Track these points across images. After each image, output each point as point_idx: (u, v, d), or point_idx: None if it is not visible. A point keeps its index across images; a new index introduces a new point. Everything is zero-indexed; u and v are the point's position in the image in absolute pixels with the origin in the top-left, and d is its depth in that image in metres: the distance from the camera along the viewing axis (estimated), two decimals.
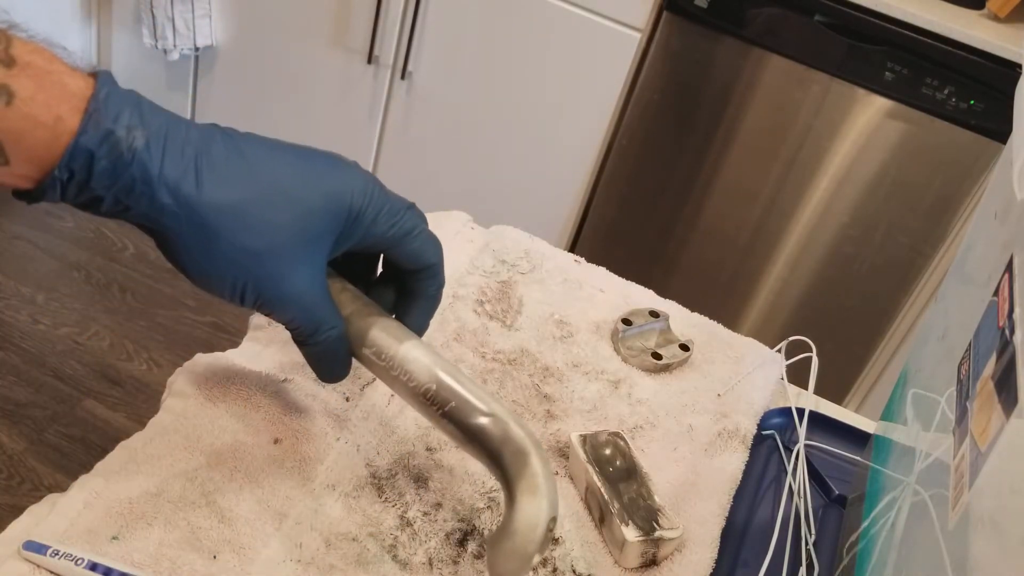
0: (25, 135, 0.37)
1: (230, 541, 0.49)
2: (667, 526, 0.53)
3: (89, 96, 0.38)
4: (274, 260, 0.43)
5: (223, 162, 0.41)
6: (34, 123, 0.37)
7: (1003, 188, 0.44)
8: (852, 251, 1.68)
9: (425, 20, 1.81)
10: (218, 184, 0.41)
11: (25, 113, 0.36)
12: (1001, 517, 0.31)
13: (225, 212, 0.41)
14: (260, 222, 0.42)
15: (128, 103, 0.39)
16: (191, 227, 0.41)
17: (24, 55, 0.37)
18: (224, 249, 0.41)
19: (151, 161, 0.39)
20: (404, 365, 0.47)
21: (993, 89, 1.45)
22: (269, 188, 0.42)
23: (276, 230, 0.42)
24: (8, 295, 1.77)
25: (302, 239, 0.43)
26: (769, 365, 0.71)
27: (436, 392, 0.47)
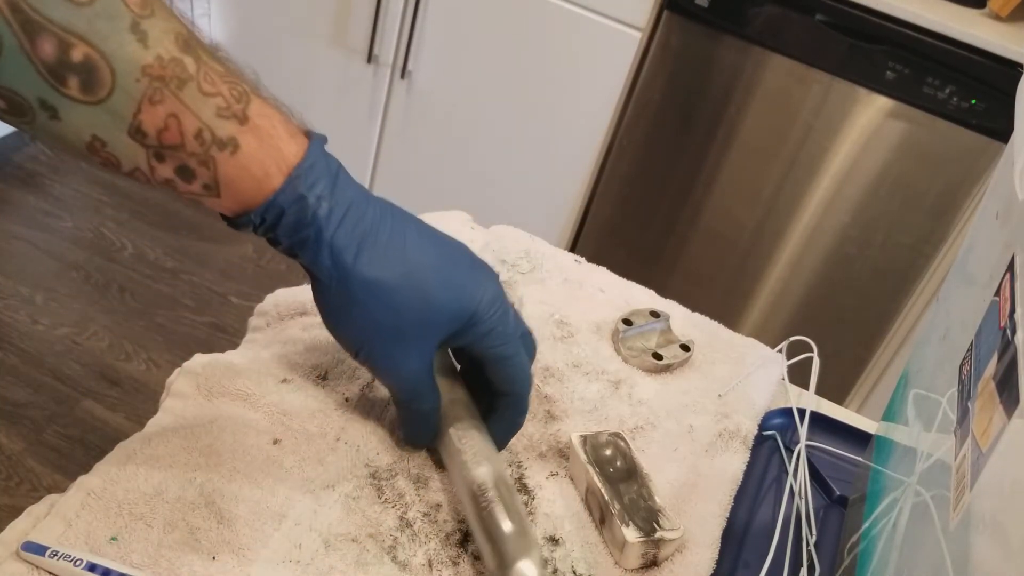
0: (238, 182, 0.45)
1: (229, 542, 0.49)
2: (668, 527, 0.53)
3: (296, 163, 0.46)
4: (393, 337, 0.50)
5: (384, 245, 0.49)
6: (247, 174, 0.45)
7: (1004, 188, 0.44)
8: (853, 251, 1.68)
9: (425, 20, 1.81)
10: (371, 262, 0.48)
11: (243, 164, 0.45)
12: (1002, 518, 0.30)
13: (369, 288, 0.48)
14: (393, 303, 0.49)
15: (326, 175, 0.47)
16: (338, 288, 0.48)
17: (256, 117, 0.45)
18: (356, 315, 0.49)
19: (326, 229, 0.47)
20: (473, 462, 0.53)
21: (994, 88, 1.45)
22: (413, 277, 0.49)
23: (404, 313, 0.49)
24: (7, 295, 1.77)
25: (422, 326, 0.50)
26: (770, 365, 0.71)
27: (489, 489, 0.51)
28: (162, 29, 0.42)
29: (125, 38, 0.40)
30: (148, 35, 0.41)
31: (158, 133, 0.42)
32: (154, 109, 0.42)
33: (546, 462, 0.59)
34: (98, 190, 2.07)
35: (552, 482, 0.58)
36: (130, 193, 2.07)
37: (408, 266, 0.49)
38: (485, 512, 0.50)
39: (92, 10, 0.39)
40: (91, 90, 0.40)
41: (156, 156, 0.43)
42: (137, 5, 0.41)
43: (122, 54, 0.40)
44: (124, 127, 0.42)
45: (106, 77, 0.40)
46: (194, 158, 0.44)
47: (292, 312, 0.66)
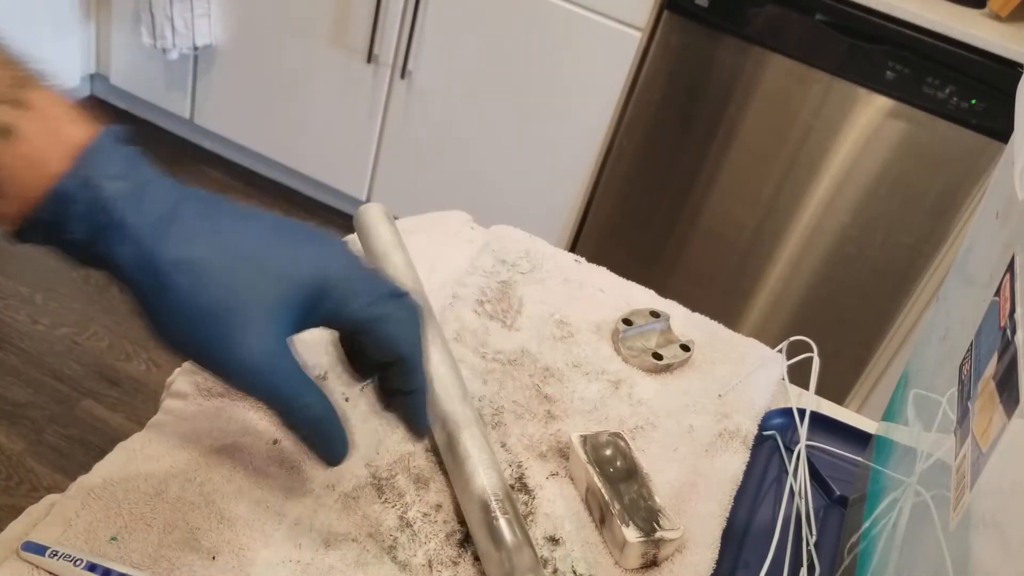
0: (16, 171, 0.39)
1: (229, 542, 0.49)
2: (668, 527, 0.53)
3: (83, 145, 0.40)
4: (226, 320, 0.41)
5: (190, 221, 0.41)
6: (26, 162, 0.39)
7: (1004, 188, 0.44)
8: (853, 251, 1.68)
9: (425, 20, 1.81)
10: (179, 241, 0.41)
11: (20, 153, 0.38)
12: (1002, 517, 0.30)
13: (180, 268, 0.41)
14: (213, 281, 0.41)
15: (119, 157, 0.41)
16: (147, 279, 0.41)
17: (39, 101, 0.39)
18: (175, 305, 0.41)
19: (123, 212, 0.40)
20: (483, 469, 0.53)
21: (994, 88, 1.45)
22: (231, 250, 0.42)
23: (229, 290, 0.41)
24: (7, 295, 1.77)
25: (258, 302, 0.42)
26: (770, 365, 0.71)
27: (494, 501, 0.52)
28: None
29: None
30: None
31: None
32: None
33: (546, 462, 0.59)
34: None
35: (552, 482, 0.58)
36: None
37: (224, 240, 0.42)
38: (495, 522, 0.50)
39: None
40: None
41: None
42: None
43: None
44: None
45: None
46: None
47: None
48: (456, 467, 0.54)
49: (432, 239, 0.75)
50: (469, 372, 0.64)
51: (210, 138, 2.23)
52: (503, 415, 0.61)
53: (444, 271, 0.71)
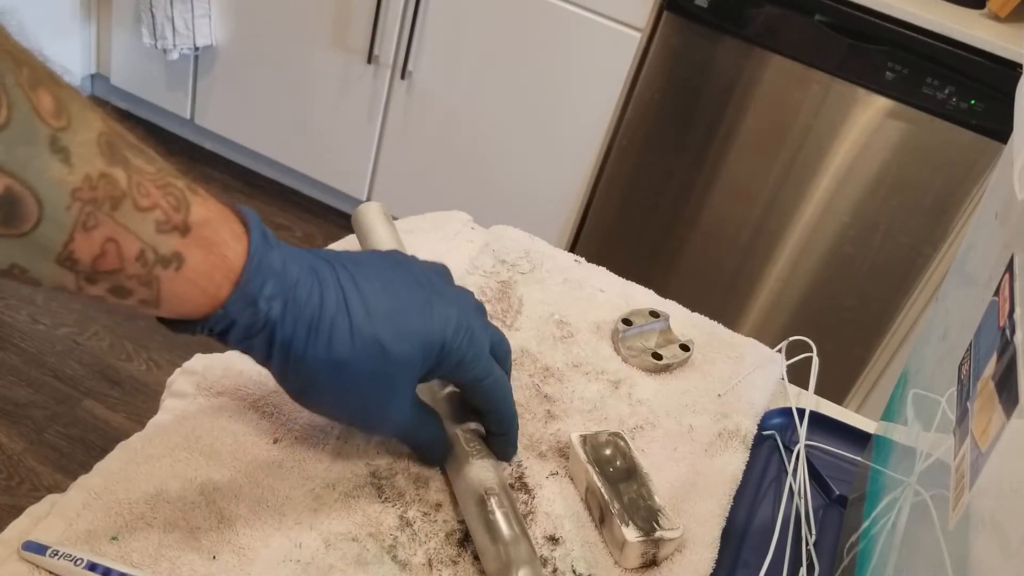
0: (182, 297, 0.42)
1: (229, 541, 0.49)
2: (667, 526, 0.53)
3: (242, 266, 0.43)
4: (365, 403, 0.49)
5: (330, 322, 0.46)
6: (195, 289, 0.42)
7: (1004, 188, 0.44)
8: (852, 251, 1.68)
9: (425, 20, 1.81)
10: (321, 346, 0.46)
11: (189, 279, 0.41)
12: (1002, 517, 0.30)
13: (325, 370, 0.46)
14: (357, 376, 0.47)
15: (272, 273, 0.44)
16: (295, 376, 0.47)
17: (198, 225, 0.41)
18: (321, 395, 0.48)
19: (278, 329, 0.45)
20: (480, 465, 0.54)
21: (994, 89, 1.45)
22: (367, 347, 0.47)
23: (371, 380, 0.48)
24: (7, 295, 1.77)
25: (394, 385, 0.49)
26: (769, 365, 0.71)
27: (495, 501, 0.52)
28: (83, 140, 0.36)
29: (47, 161, 0.35)
30: (71, 152, 0.36)
31: (93, 260, 0.38)
32: (88, 236, 0.37)
33: (546, 462, 0.59)
34: None
35: (552, 482, 0.58)
36: None
37: (359, 335, 0.46)
38: (492, 516, 0.51)
39: (7, 134, 0.34)
40: (13, 223, 0.35)
41: (88, 279, 0.38)
42: (51, 115, 0.35)
43: (47, 180, 0.35)
44: (52, 256, 0.37)
45: (31, 209, 0.35)
46: (134, 280, 0.39)
47: None
48: (454, 464, 0.54)
49: (432, 239, 0.75)
50: None
51: (211, 138, 2.23)
52: None
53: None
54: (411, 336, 0.48)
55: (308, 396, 0.48)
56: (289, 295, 0.45)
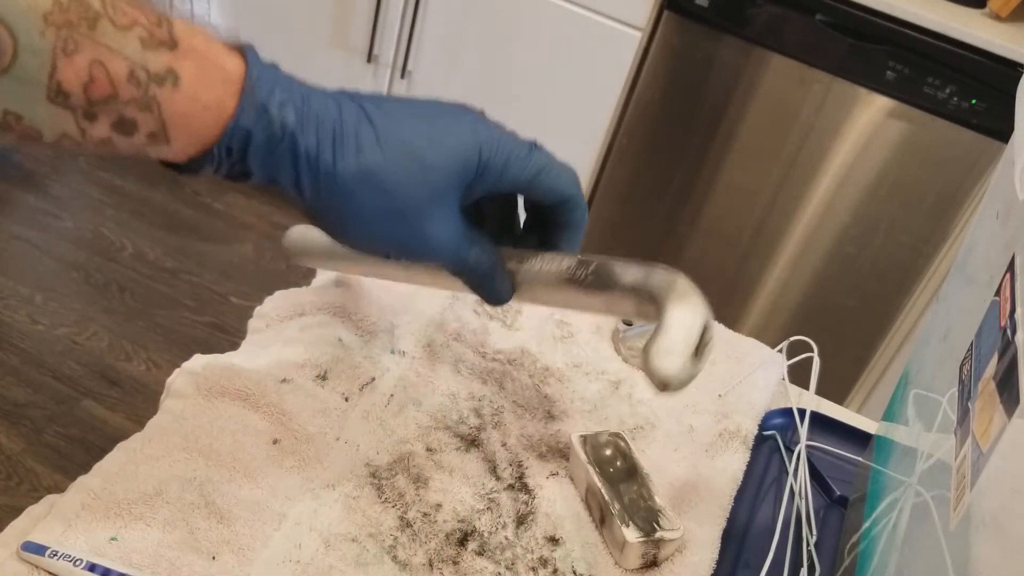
0: (191, 117, 0.39)
1: (229, 542, 0.49)
2: (668, 527, 0.53)
3: (243, 75, 0.40)
4: (411, 217, 0.45)
5: (354, 129, 0.44)
6: (200, 106, 0.39)
7: (1005, 188, 0.44)
8: (853, 251, 1.68)
9: (425, 20, 1.81)
10: (354, 154, 0.43)
11: (190, 95, 0.39)
12: (1003, 518, 0.30)
13: (361, 179, 0.43)
14: (392, 184, 0.44)
15: (276, 80, 0.42)
16: (330, 197, 0.43)
17: (185, 37, 0.39)
18: (362, 213, 0.44)
19: (300, 137, 0.42)
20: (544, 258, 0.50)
21: (995, 88, 1.45)
22: (398, 152, 0.44)
23: (408, 189, 0.44)
24: (7, 295, 1.77)
25: (434, 195, 0.45)
26: (770, 365, 0.71)
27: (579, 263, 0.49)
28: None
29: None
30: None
31: (84, 88, 0.36)
32: (71, 61, 0.36)
33: (546, 462, 0.59)
34: (98, 190, 2.07)
35: (552, 482, 0.58)
36: (130, 193, 2.07)
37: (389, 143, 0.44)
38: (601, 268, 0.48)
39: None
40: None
41: (86, 116, 0.37)
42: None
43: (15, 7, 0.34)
44: (41, 93, 0.36)
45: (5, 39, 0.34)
46: (133, 105, 0.38)
47: (291, 313, 0.66)
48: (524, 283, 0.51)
49: None
50: (469, 371, 0.64)
51: None
52: (503, 415, 0.61)
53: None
54: (445, 140, 0.46)
55: (347, 223, 0.45)
56: (302, 104, 0.42)
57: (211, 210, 2.08)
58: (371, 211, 0.44)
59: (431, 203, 0.45)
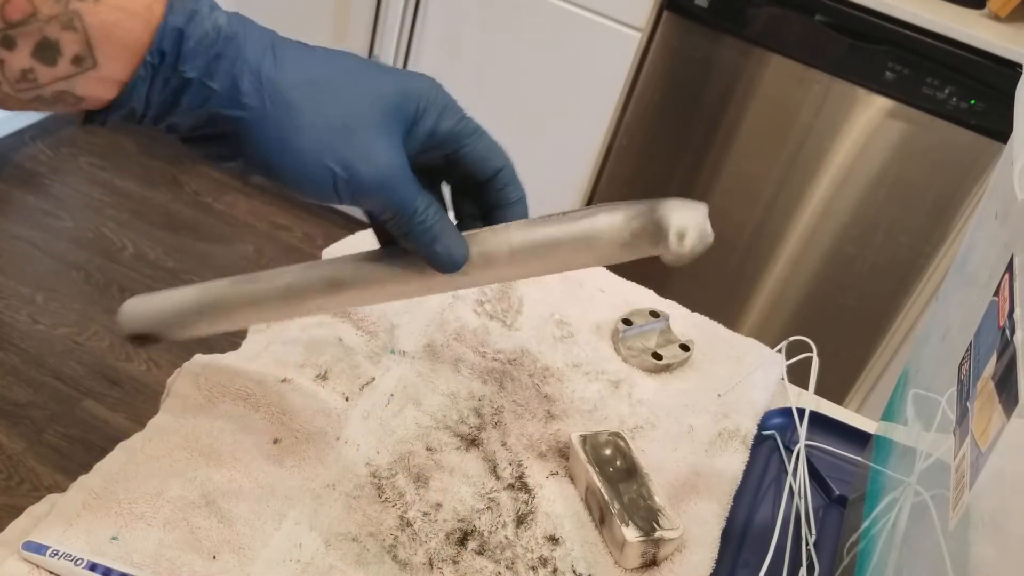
0: (118, 27, 0.37)
1: (229, 541, 0.49)
2: (667, 526, 0.53)
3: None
4: (359, 132, 0.43)
5: (295, 49, 0.43)
6: (127, 13, 0.37)
7: (1004, 188, 0.44)
8: (853, 251, 1.68)
9: (425, 20, 1.81)
10: (294, 65, 0.42)
11: (115, 4, 0.37)
12: (1002, 517, 0.30)
13: (304, 88, 0.41)
14: (338, 96, 0.42)
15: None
16: (274, 106, 0.41)
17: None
18: (308, 124, 0.41)
19: (235, 38, 0.40)
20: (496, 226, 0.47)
21: (994, 89, 1.45)
22: (341, 71, 0.43)
23: (354, 102, 0.43)
24: (7, 295, 1.77)
25: (379, 113, 0.43)
26: (769, 365, 0.71)
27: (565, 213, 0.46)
28: None
29: None
30: None
31: (1, 9, 0.34)
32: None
33: (546, 462, 0.59)
34: (98, 190, 2.07)
35: (552, 482, 0.58)
36: (130, 193, 2.07)
37: (331, 63, 0.43)
38: (581, 212, 0.46)
39: None
40: None
41: (5, 43, 0.35)
42: None
43: None
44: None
45: None
46: (54, 23, 0.35)
47: None
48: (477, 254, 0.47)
49: None
50: (469, 371, 0.64)
51: None
52: (503, 415, 0.61)
53: None
54: (382, 73, 0.45)
55: (290, 138, 0.41)
56: (234, 16, 0.41)
57: (211, 210, 2.08)
58: (313, 121, 0.42)
59: (379, 123, 0.43)
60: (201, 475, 0.52)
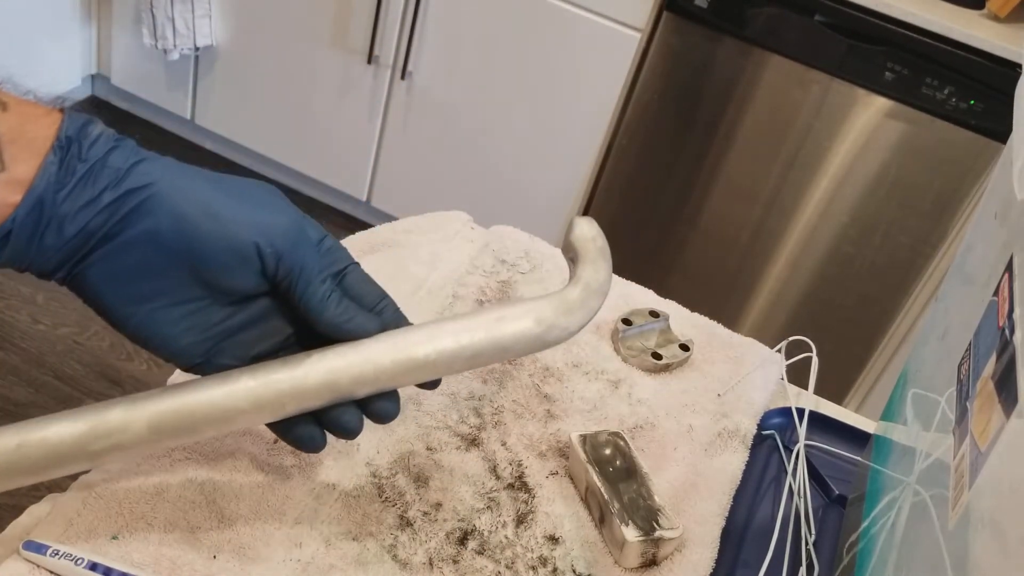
0: (23, 129, 0.40)
1: (230, 541, 0.49)
2: (667, 526, 0.53)
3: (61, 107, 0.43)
4: (264, 200, 0.45)
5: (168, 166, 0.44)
6: (30, 117, 0.41)
7: (1003, 188, 0.44)
8: (852, 251, 1.68)
9: (425, 20, 1.81)
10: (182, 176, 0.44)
11: (19, 111, 0.40)
12: (1001, 517, 0.31)
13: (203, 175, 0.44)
14: (234, 182, 0.45)
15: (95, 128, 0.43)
16: (184, 178, 0.43)
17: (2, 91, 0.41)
18: (227, 210, 0.43)
19: (127, 141, 0.43)
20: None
21: (993, 89, 1.45)
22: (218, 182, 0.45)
23: (248, 186, 0.45)
24: (8, 295, 1.77)
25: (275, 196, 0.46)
26: (769, 365, 0.71)
27: None
28: None
29: None
30: None
31: None
32: None
33: (546, 461, 0.59)
34: None
35: (552, 481, 0.58)
36: None
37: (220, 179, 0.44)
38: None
39: None
40: None
41: None
42: None
43: None
44: None
45: None
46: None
47: None
48: None
49: (432, 239, 0.75)
50: (469, 371, 0.64)
51: (211, 138, 2.23)
52: (503, 415, 0.61)
53: (444, 271, 0.71)
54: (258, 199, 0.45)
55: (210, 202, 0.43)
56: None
57: None
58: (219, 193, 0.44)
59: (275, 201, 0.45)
60: (201, 475, 0.52)
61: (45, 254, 0.42)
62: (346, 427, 0.46)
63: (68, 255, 0.42)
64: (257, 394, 0.43)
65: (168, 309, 0.44)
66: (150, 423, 0.43)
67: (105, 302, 0.43)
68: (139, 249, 0.42)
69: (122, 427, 0.42)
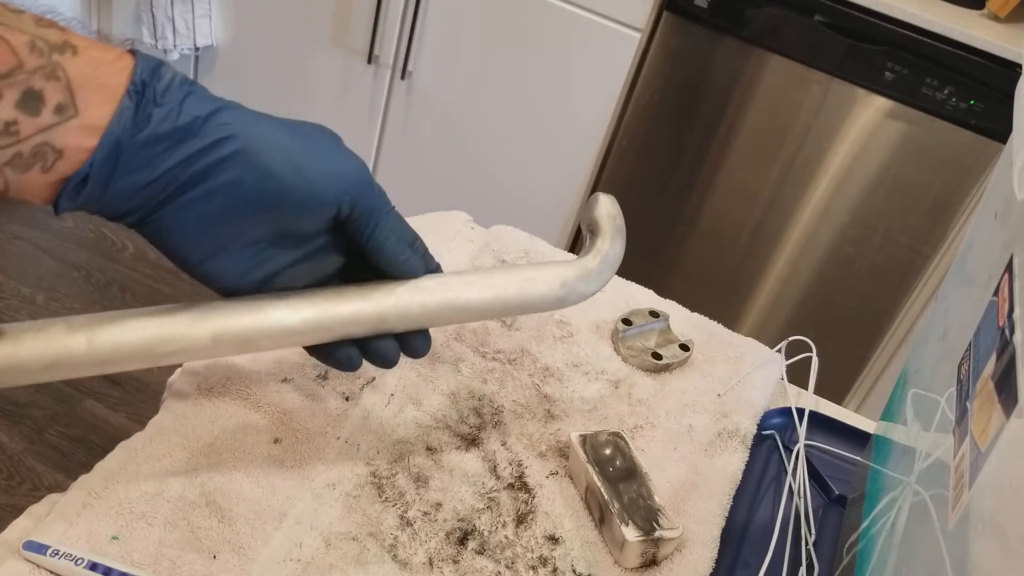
0: (97, 74, 0.39)
1: (230, 541, 0.49)
2: (667, 526, 0.53)
3: (133, 59, 0.42)
4: (333, 147, 0.48)
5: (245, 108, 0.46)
6: (102, 62, 0.40)
7: (1003, 188, 0.44)
8: (852, 251, 1.68)
9: (425, 20, 1.81)
10: (261, 125, 0.45)
11: (92, 57, 0.40)
12: (1001, 517, 0.31)
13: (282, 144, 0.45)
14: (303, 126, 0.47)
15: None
16: (261, 125, 0.45)
17: (67, 28, 0.41)
18: (309, 162, 0.45)
19: (198, 86, 0.43)
20: None
21: (993, 89, 1.45)
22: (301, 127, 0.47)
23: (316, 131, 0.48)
24: (8, 295, 1.77)
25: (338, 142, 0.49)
26: (769, 365, 0.71)
27: None
28: None
29: None
30: None
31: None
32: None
33: (546, 461, 0.59)
34: None
35: (552, 481, 0.58)
36: None
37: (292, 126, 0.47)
38: None
39: None
40: None
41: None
42: None
43: None
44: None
45: None
46: (39, 73, 0.38)
47: None
48: None
49: (432, 239, 0.75)
50: (469, 371, 0.64)
51: None
52: (503, 415, 0.61)
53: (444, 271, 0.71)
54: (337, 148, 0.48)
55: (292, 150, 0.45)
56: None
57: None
58: (297, 144, 0.46)
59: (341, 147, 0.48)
60: (202, 474, 0.52)
61: (120, 198, 0.42)
62: (386, 356, 0.49)
63: (144, 200, 0.42)
64: (314, 319, 0.47)
65: (238, 251, 0.45)
66: (214, 334, 0.46)
67: (179, 246, 0.44)
68: (221, 199, 0.43)
69: (187, 335, 0.45)
